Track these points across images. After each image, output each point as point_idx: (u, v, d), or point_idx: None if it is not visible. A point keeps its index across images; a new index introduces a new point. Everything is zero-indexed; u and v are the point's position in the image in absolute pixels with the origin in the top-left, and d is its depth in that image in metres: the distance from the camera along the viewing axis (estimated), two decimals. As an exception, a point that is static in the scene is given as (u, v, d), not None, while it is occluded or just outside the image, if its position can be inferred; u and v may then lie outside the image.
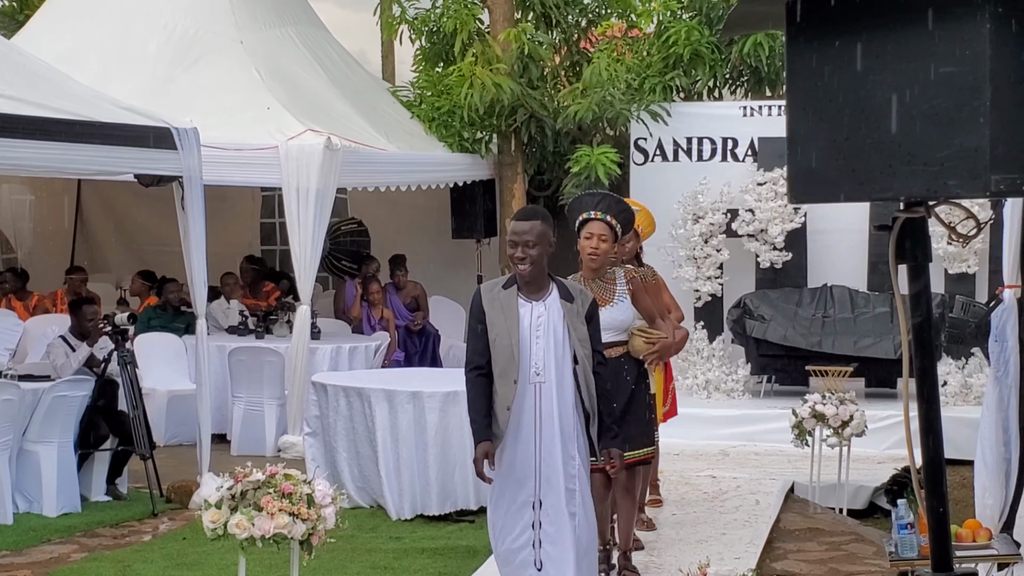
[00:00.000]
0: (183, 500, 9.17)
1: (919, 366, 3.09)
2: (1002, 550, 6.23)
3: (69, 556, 7.91)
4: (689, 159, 13.01)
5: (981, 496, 6.98)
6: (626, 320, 6.72)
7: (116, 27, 12.24)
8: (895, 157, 2.84)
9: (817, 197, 3.00)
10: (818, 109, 2.92)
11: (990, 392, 7.00)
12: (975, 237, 8.95)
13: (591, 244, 6.56)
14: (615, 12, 14.59)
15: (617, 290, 6.68)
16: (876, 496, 9.76)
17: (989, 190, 2.79)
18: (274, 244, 15.56)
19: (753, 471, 10.11)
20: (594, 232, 6.54)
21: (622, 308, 6.67)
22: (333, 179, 10.86)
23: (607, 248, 6.58)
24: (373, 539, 8.07)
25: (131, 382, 9.07)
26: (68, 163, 8.56)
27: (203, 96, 11.35)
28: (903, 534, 5.94)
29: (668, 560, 7.33)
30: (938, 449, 3.12)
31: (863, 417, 8.92)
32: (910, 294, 3.08)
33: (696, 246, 12.49)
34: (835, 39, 2.90)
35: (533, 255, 5.51)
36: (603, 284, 6.66)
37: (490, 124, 13.31)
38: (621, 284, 6.71)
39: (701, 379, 12.20)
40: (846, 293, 12.33)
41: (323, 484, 5.71)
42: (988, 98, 2.77)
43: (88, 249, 16.08)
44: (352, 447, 8.86)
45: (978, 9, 2.77)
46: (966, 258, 12.06)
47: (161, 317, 12.11)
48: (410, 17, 14.17)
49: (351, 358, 11.56)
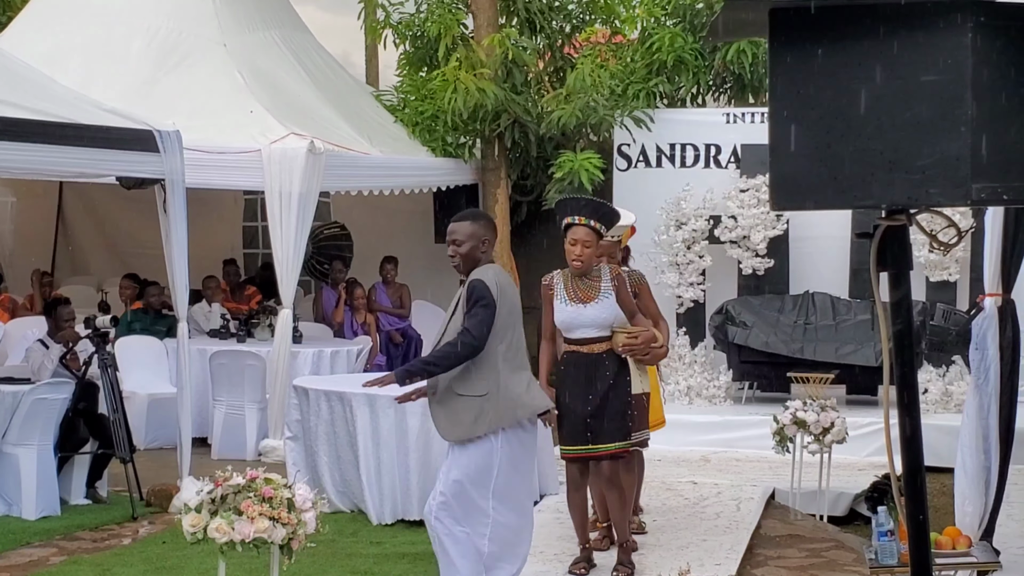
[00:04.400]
0: (163, 504, 9.14)
1: (900, 373, 3.10)
2: (981, 558, 6.26)
3: (48, 559, 7.87)
4: (672, 165, 13.04)
5: (961, 504, 7.00)
6: (608, 318, 6.88)
7: (99, 29, 12.21)
8: (877, 165, 2.85)
9: (799, 204, 3.00)
10: (800, 117, 2.93)
11: (970, 400, 7.03)
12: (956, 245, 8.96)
13: (576, 251, 6.81)
14: (599, 18, 14.62)
15: (602, 287, 6.87)
16: (856, 503, 9.77)
17: (970, 199, 2.80)
18: (256, 248, 15.54)
19: (734, 477, 10.12)
20: (578, 239, 6.77)
21: (605, 306, 6.86)
22: (316, 183, 10.85)
23: (591, 253, 6.81)
24: (354, 544, 8.06)
25: (112, 385, 9.04)
26: (50, 165, 8.53)
27: (186, 99, 11.33)
28: (883, 541, 5.96)
29: (649, 565, 7.34)
30: (918, 456, 3.13)
31: (844, 424, 8.93)
32: (891, 302, 3.08)
33: (679, 252, 12.51)
34: (818, 47, 2.91)
35: (461, 252, 6.09)
36: (588, 282, 6.89)
37: (474, 129, 13.31)
38: (606, 282, 6.88)
39: (683, 385, 12.21)
40: (828, 300, 12.36)
41: (304, 488, 5.70)
42: (970, 107, 2.78)
43: (69, 252, 16.04)
44: (333, 451, 8.85)
45: (960, 19, 2.78)
46: (947, 266, 12.10)
47: (142, 320, 12.07)
48: (394, 21, 14.17)
49: (333, 362, 11.55)
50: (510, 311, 6.09)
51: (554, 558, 7.51)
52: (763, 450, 9.86)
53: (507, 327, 6.05)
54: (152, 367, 11.49)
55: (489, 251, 6.19)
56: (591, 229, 6.76)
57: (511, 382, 6.04)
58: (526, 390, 6.09)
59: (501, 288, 6.05)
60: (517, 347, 6.13)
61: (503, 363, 6.04)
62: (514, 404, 6.03)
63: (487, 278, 6.04)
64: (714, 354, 12.59)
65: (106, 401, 9.10)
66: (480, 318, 5.97)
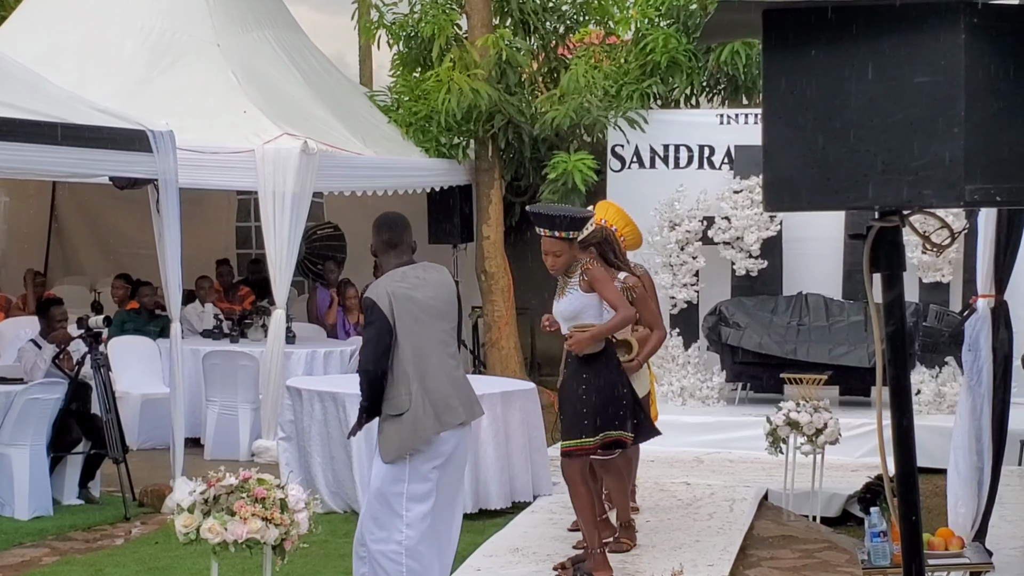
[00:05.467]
0: (156, 504, 9.13)
1: (893, 375, 3.10)
2: (974, 559, 6.26)
3: (40, 559, 7.86)
4: (666, 166, 13.04)
5: (954, 505, 7.01)
6: (567, 311, 7.03)
7: (92, 29, 12.18)
8: (870, 166, 2.85)
9: (792, 205, 3.00)
10: (794, 118, 2.93)
11: (963, 401, 7.03)
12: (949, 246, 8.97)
13: (548, 261, 7.08)
14: (593, 19, 14.61)
15: (571, 283, 7.02)
16: (849, 504, 9.77)
17: (963, 200, 2.81)
18: (249, 248, 15.52)
19: (727, 478, 10.12)
20: (548, 250, 7.04)
21: (568, 300, 7.01)
22: (309, 183, 10.84)
23: (563, 260, 7.04)
24: (346, 544, 7.99)
25: (104, 385, 9.03)
26: (43, 165, 8.52)
27: (179, 99, 11.31)
28: (876, 542, 5.97)
29: (642, 566, 7.34)
30: (911, 457, 3.13)
31: (837, 425, 8.94)
32: (884, 303, 3.08)
33: (672, 253, 12.52)
34: (811, 48, 2.91)
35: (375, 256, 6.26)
36: (564, 279, 7.09)
37: (467, 129, 13.30)
38: (575, 278, 7.02)
39: (676, 386, 12.22)
40: (821, 301, 12.36)
41: (297, 489, 5.69)
42: (963, 108, 2.79)
43: (62, 252, 16.02)
44: (326, 452, 8.84)
45: (953, 20, 2.79)
46: (940, 267, 12.11)
47: (135, 320, 12.06)
48: (388, 22, 14.15)
49: (326, 362, 11.54)
50: (416, 317, 5.81)
51: (547, 559, 7.51)
52: (756, 451, 9.87)
53: (411, 334, 5.80)
54: (145, 367, 11.48)
55: (390, 257, 5.99)
56: (556, 239, 6.95)
57: (426, 396, 5.79)
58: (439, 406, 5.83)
59: (399, 297, 5.81)
60: (427, 353, 5.83)
61: (414, 375, 5.79)
62: (422, 424, 5.79)
63: (376, 293, 5.83)
64: (707, 355, 12.60)
65: (99, 401, 9.10)
66: (366, 341, 5.87)
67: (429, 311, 5.90)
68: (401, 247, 6.06)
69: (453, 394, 5.92)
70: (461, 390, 6.00)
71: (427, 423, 5.81)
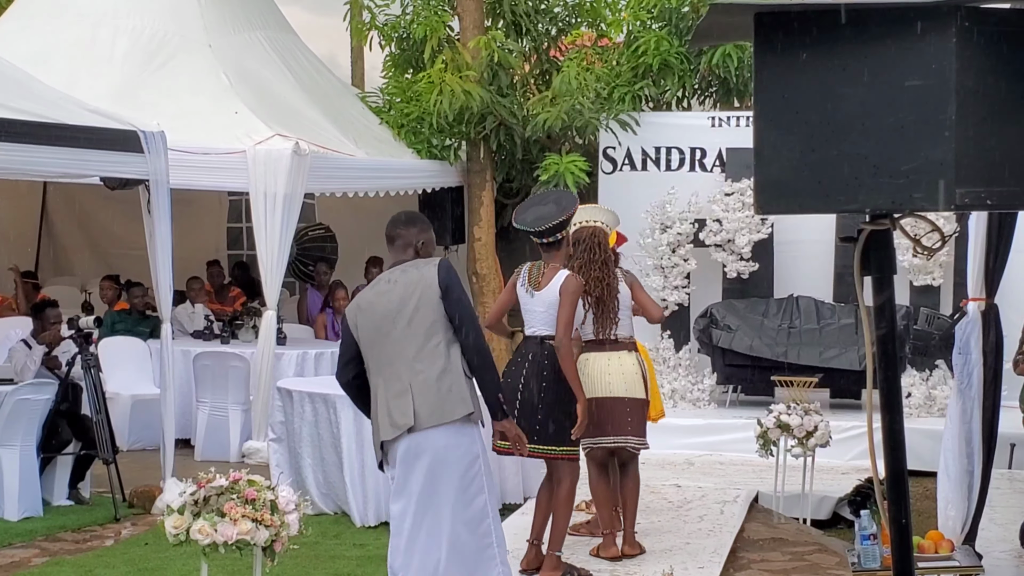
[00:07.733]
0: (146, 505, 9.12)
1: (883, 377, 3.10)
2: (964, 562, 6.27)
3: (30, 560, 7.85)
4: (657, 168, 13.06)
5: (944, 508, 7.03)
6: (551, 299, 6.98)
7: (84, 29, 12.18)
8: (861, 170, 2.86)
9: (783, 208, 3.00)
10: (785, 121, 2.93)
11: (953, 404, 7.05)
12: (940, 250, 9.00)
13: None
14: (585, 21, 14.62)
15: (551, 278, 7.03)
16: (840, 507, 9.79)
17: (954, 203, 2.81)
18: (240, 249, 15.50)
19: (718, 480, 10.13)
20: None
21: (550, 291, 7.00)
22: (301, 184, 10.83)
23: (563, 252, 7.09)
24: (337, 546, 8.04)
25: (95, 386, 9.02)
26: (33, 165, 8.51)
27: (171, 99, 11.30)
28: (866, 545, 5.97)
29: (632, 569, 7.34)
30: (901, 460, 3.13)
31: (827, 428, 8.95)
32: (875, 306, 3.09)
33: (663, 255, 12.53)
34: (802, 51, 2.91)
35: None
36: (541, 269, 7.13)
37: (459, 131, 13.30)
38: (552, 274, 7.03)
39: (667, 388, 12.21)
40: (812, 304, 12.38)
41: (287, 490, 5.69)
42: (954, 112, 2.79)
43: (53, 252, 15.98)
44: (317, 453, 8.83)
45: (944, 23, 2.79)
46: (931, 270, 12.13)
47: (126, 321, 12.04)
48: (380, 23, 14.15)
49: (317, 364, 11.52)
50: (378, 327, 5.60)
51: (538, 561, 7.50)
52: (747, 453, 9.86)
53: (371, 344, 5.64)
54: (135, 368, 11.47)
55: (391, 253, 5.86)
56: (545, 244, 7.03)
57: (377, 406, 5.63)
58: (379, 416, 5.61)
59: (364, 308, 5.68)
60: (383, 364, 5.59)
61: (374, 383, 5.64)
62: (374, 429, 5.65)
63: (350, 304, 5.83)
64: (698, 357, 12.61)
65: (89, 402, 9.08)
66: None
67: (390, 317, 5.60)
68: (396, 244, 5.80)
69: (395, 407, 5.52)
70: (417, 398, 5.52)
71: (375, 429, 5.67)
